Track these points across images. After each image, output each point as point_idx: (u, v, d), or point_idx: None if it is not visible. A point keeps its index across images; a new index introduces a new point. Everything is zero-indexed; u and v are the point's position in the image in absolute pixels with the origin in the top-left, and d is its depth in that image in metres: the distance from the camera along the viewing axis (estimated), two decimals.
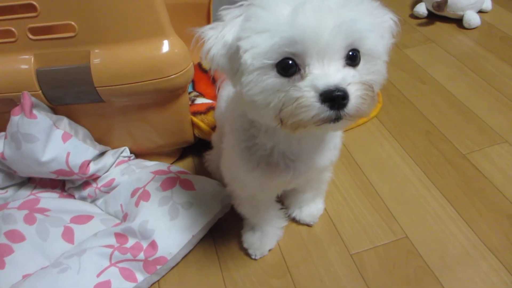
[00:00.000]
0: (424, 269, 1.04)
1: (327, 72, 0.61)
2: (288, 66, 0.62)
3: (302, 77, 0.62)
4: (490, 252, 1.06)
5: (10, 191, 1.25)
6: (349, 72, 0.63)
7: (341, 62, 0.63)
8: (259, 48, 0.62)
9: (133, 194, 1.16)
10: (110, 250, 1.04)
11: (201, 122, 1.30)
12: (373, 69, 0.67)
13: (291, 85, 0.62)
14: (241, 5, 0.68)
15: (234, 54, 0.66)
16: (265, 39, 0.61)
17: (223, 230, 1.17)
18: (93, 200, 1.24)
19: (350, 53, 0.64)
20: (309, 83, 0.61)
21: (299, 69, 0.63)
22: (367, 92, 0.63)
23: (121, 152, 1.28)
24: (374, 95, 0.65)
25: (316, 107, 0.60)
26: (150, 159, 1.33)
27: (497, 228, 1.11)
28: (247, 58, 0.63)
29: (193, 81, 1.53)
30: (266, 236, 1.10)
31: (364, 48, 0.64)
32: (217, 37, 0.68)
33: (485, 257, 1.05)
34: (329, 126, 0.63)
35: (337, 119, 0.62)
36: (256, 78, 0.64)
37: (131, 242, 1.06)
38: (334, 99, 0.60)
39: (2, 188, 1.25)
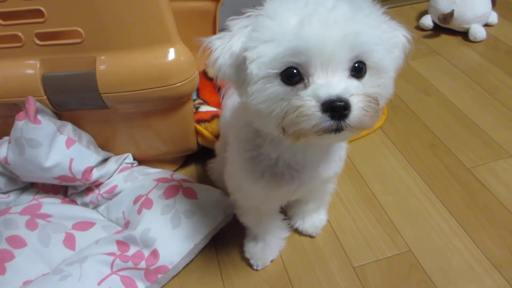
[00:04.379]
0: (427, 283, 1.03)
1: (330, 82, 0.61)
2: (292, 75, 0.62)
3: (306, 87, 0.62)
4: (493, 268, 1.05)
5: (12, 196, 1.25)
6: (353, 83, 0.63)
7: (345, 73, 0.63)
8: (265, 57, 0.62)
9: (135, 202, 1.16)
10: (112, 258, 1.03)
11: (205, 130, 1.29)
12: (379, 82, 0.66)
13: (294, 94, 0.62)
14: (250, 15, 0.67)
15: (241, 64, 0.66)
16: (271, 48, 0.62)
17: (225, 240, 1.17)
18: (95, 207, 1.23)
19: (356, 65, 0.63)
20: (311, 92, 0.61)
21: (303, 79, 0.63)
22: (370, 104, 0.62)
23: (124, 159, 1.28)
24: (378, 108, 0.64)
25: (317, 117, 0.60)
26: (153, 166, 1.32)
27: (501, 243, 1.10)
28: (253, 68, 0.63)
29: (197, 89, 1.53)
30: (268, 247, 1.09)
31: (370, 60, 0.64)
32: (225, 47, 0.68)
33: (489, 272, 1.04)
34: (330, 137, 0.63)
35: (338, 129, 0.61)
36: (260, 87, 0.64)
37: (132, 250, 1.06)
38: (335, 109, 0.59)
39: (5, 193, 1.24)
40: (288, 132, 0.64)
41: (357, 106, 0.61)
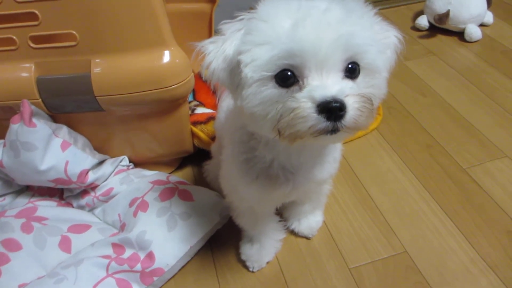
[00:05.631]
0: (423, 284, 1.03)
1: (325, 83, 0.61)
2: (287, 77, 0.62)
3: (301, 89, 0.62)
4: (489, 268, 1.05)
5: (7, 199, 1.24)
6: (347, 84, 0.63)
7: (339, 74, 0.63)
8: (259, 60, 0.62)
9: (131, 204, 1.15)
10: (107, 260, 1.03)
11: (201, 132, 1.29)
12: (373, 83, 0.67)
13: (289, 96, 0.62)
14: (242, 19, 0.68)
15: (234, 68, 0.66)
16: (265, 51, 0.62)
17: (221, 242, 1.17)
18: (91, 209, 1.23)
19: (350, 66, 0.64)
20: (306, 94, 0.61)
21: (298, 81, 0.63)
22: (365, 105, 0.63)
23: (120, 161, 1.28)
24: (372, 108, 0.65)
25: (313, 118, 0.60)
26: (149, 168, 1.32)
27: (497, 244, 1.10)
28: (247, 71, 0.63)
29: (193, 90, 1.53)
30: (264, 249, 1.09)
31: (363, 61, 0.64)
32: (218, 51, 0.68)
33: (484, 273, 1.05)
34: (326, 138, 0.63)
35: (334, 130, 0.61)
36: (255, 90, 0.64)
37: (128, 252, 1.05)
38: (331, 110, 0.59)
39: (0, 196, 1.24)
40: (284, 135, 0.64)
41: (353, 106, 0.61)
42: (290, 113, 0.61)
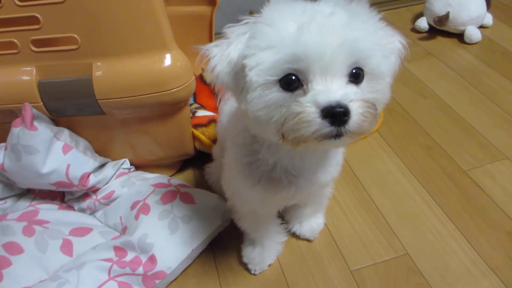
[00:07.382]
0: (424, 286, 1.03)
1: (329, 88, 0.61)
2: (291, 82, 0.62)
3: (305, 93, 0.62)
4: (490, 270, 1.05)
5: (9, 202, 1.24)
6: (352, 89, 0.63)
7: (343, 79, 0.63)
8: (264, 64, 0.62)
9: (133, 207, 1.15)
10: (109, 264, 1.03)
11: (202, 134, 1.29)
12: (376, 88, 0.67)
13: (293, 100, 0.62)
14: (247, 22, 0.68)
15: (239, 72, 0.67)
16: (270, 55, 0.62)
17: (223, 244, 1.17)
18: (93, 212, 1.23)
19: (354, 71, 0.64)
20: (310, 98, 0.61)
21: (302, 85, 0.63)
22: (369, 110, 0.63)
23: (121, 164, 1.28)
24: (376, 113, 0.65)
25: (317, 123, 0.60)
26: (150, 171, 1.32)
27: (498, 246, 1.11)
28: (252, 75, 0.63)
29: (194, 93, 1.53)
30: (266, 251, 1.09)
31: (367, 67, 0.65)
32: (222, 54, 0.68)
33: (486, 274, 1.05)
34: (330, 143, 0.63)
35: (338, 135, 0.62)
36: (259, 94, 0.64)
37: (130, 256, 1.05)
38: (335, 115, 0.60)
39: (1, 199, 1.24)
40: (288, 139, 0.64)
41: (357, 111, 0.61)
42: (294, 118, 0.61)
